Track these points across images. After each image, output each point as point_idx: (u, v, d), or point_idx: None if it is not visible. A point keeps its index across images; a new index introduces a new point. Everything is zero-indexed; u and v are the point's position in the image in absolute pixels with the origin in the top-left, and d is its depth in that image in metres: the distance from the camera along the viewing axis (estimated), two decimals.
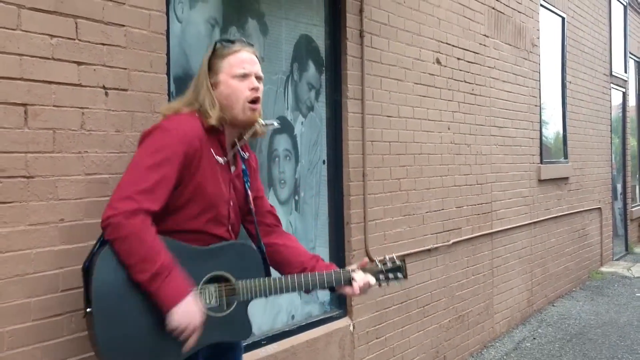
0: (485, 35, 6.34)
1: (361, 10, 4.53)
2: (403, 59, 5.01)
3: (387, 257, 2.82)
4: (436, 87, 5.47)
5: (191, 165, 2.43)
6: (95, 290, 2.30)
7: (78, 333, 2.70)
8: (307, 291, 2.68)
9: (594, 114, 9.79)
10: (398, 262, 2.81)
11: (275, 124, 2.74)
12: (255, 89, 2.57)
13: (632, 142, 12.28)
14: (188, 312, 2.33)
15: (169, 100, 3.14)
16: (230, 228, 2.62)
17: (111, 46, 2.85)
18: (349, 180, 4.45)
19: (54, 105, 2.63)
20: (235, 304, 2.50)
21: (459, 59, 5.84)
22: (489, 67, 6.41)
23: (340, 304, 4.48)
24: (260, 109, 2.64)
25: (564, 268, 8.55)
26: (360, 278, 2.69)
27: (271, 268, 2.75)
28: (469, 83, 6.02)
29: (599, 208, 9.99)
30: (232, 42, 2.63)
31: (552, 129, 8.44)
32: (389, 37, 4.83)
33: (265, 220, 2.80)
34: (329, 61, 4.44)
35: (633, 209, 12.03)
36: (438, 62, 5.51)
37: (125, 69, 2.91)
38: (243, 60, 2.57)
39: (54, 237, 2.63)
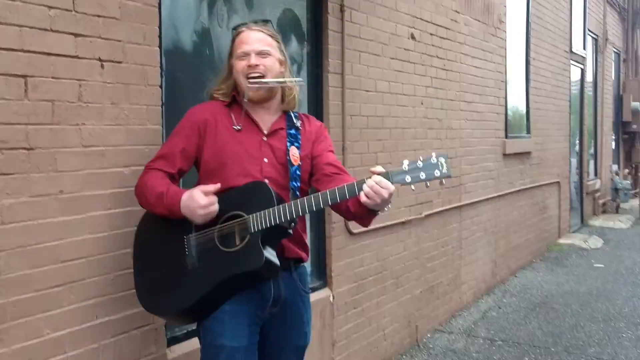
0: (456, 11, 6.43)
1: None
2: (380, 34, 5.07)
3: (421, 156, 2.46)
4: (411, 62, 5.55)
5: (204, 131, 2.75)
6: (135, 245, 2.81)
7: (77, 303, 2.73)
8: (322, 208, 2.55)
9: (555, 90, 10.02)
10: (433, 160, 2.42)
11: (295, 81, 2.90)
12: (251, 66, 2.75)
13: (588, 118, 12.59)
14: (187, 203, 2.60)
15: (161, 73, 3.16)
16: (266, 181, 2.69)
17: (107, 18, 2.85)
18: None
19: (52, 77, 2.63)
20: (248, 237, 2.57)
21: (431, 34, 5.93)
22: (459, 42, 6.51)
23: (321, 275, 4.56)
24: (289, 74, 2.86)
25: (525, 240, 8.80)
26: (369, 183, 2.43)
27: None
28: (441, 59, 6.12)
29: (558, 182, 10.26)
30: (240, 25, 2.92)
31: (515, 103, 8.61)
32: (367, 12, 4.88)
33: (323, 171, 2.79)
34: (311, 36, 4.48)
35: (588, 183, 12.38)
36: (412, 37, 5.58)
37: (120, 41, 2.91)
38: (242, 41, 2.80)
39: (54, 208, 2.64)
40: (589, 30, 12.03)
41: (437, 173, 2.42)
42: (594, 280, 7.97)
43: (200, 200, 2.57)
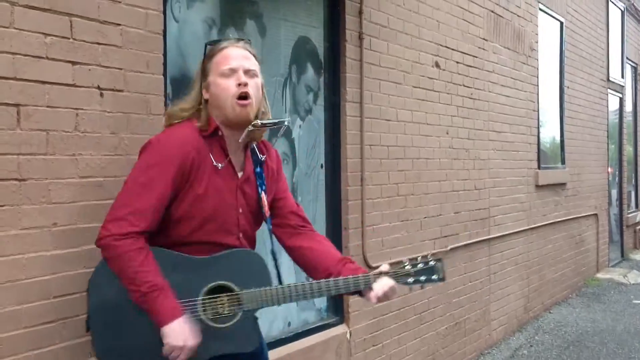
0: (484, 39, 6.28)
1: (360, 12, 4.46)
2: (402, 61, 4.95)
3: (419, 257, 2.54)
4: (435, 91, 5.42)
5: (188, 177, 2.38)
6: (91, 303, 2.34)
7: (71, 340, 2.63)
8: (325, 296, 2.57)
9: (591, 119, 9.75)
10: (432, 262, 2.51)
11: (286, 122, 2.59)
12: (242, 84, 2.42)
13: (628, 148, 12.25)
14: (180, 332, 2.29)
15: (165, 102, 3.07)
16: (241, 236, 2.51)
17: (107, 46, 2.78)
18: (347, 185, 4.38)
19: (47, 106, 2.55)
20: (240, 314, 2.39)
21: (457, 62, 5.79)
22: (487, 71, 6.35)
23: (337, 310, 4.41)
24: (265, 107, 2.56)
25: (561, 274, 8.50)
26: (380, 286, 2.46)
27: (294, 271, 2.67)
28: (468, 87, 5.96)
29: (595, 214, 9.95)
30: (220, 41, 2.56)
31: (549, 133, 8.39)
32: (388, 39, 4.77)
33: (288, 222, 2.65)
34: (328, 63, 4.38)
35: (629, 215, 12.00)
36: (437, 65, 5.45)
37: (121, 69, 2.84)
38: (228, 57, 2.46)
39: (47, 241, 2.55)
40: (628, 58, 11.75)
41: (434, 277, 2.52)
42: (632, 318, 7.64)
43: (194, 341, 2.31)
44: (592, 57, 9.79)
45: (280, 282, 2.59)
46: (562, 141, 8.64)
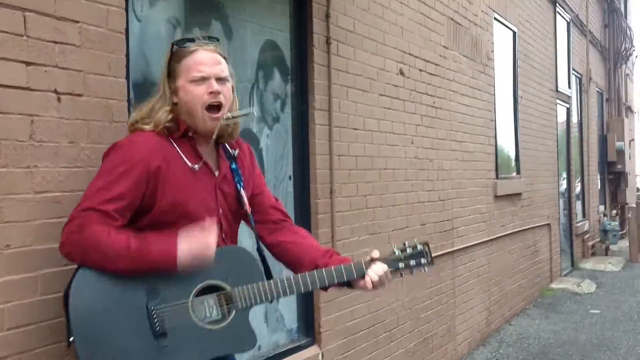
0: (445, 46, 6.15)
1: (327, 16, 4.24)
2: (368, 68, 4.75)
3: (406, 242, 2.54)
4: (400, 99, 5.23)
5: (156, 182, 2.22)
6: (72, 318, 2.09)
7: None
8: (318, 289, 2.42)
9: (543, 129, 9.76)
10: (419, 247, 2.52)
11: (254, 112, 2.51)
12: (214, 93, 2.29)
13: (575, 158, 12.36)
14: (190, 246, 2.14)
15: (129, 108, 2.77)
16: (224, 237, 2.36)
17: (64, 44, 2.48)
18: (316, 197, 4.15)
19: None
20: (233, 313, 2.25)
21: (421, 70, 5.63)
22: (448, 79, 6.21)
23: (308, 331, 4.15)
24: (237, 104, 2.43)
25: (518, 285, 8.42)
26: (375, 271, 2.41)
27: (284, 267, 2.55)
28: (431, 96, 5.81)
29: (548, 224, 9.95)
30: (189, 40, 2.37)
31: (503, 143, 8.32)
32: (354, 45, 4.56)
33: (269, 217, 2.53)
34: (295, 69, 4.14)
35: (577, 225, 12.09)
36: (402, 73, 5.27)
37: (80, 71, 2.54)
38: (200, 62, 2.32)
39: None
40: (573, 69, 11.88)
41: (423, 261, 2.51)
42: (592, 328, 7.59)
43: (206, 239, 2.15)
44: (542, 67, 9.82)
45: (269, 278, 2.41)
46: (517, 151, 8.59)
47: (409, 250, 2.51)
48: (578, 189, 12.74)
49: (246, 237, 2.87)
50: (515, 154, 8.60)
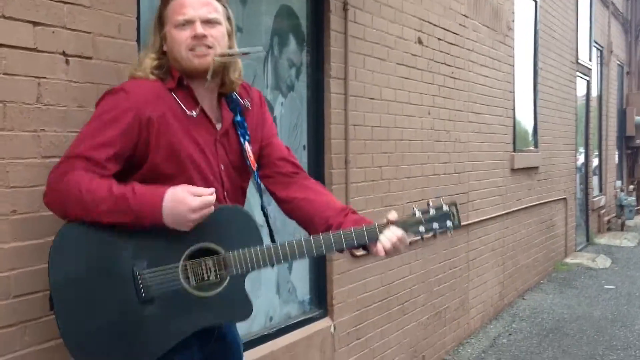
0: (465, 15, 6.01)
1: None
2: (386, 36, 4.63)
3: (430, 203, 2.22)
4: (418, 69, 5.12)
5: (148, 132, 2.07)
6: (53, 280, 1.99)
7: (34, 346, 2.26)
8: (325, 253, 2.23)
9: (562, 102, 9.60)
10: (445, 208, 2.20)
11: (258, 51, 2.31)
12: (197, 37, 2.11)
13: (593, 132, 12.19)
14: (177, 205, 1.99)
15: None
16: (225, 195, 2.21)
17: (73, 5, 2.40)
18: (331, 168, 4.06)
19: (4, 73, 2.17)
20: (228, 279, 2.07)
21: (439, 39, 5.50)
22: (468, 49, 6.08)
23: (321, 302, 4.10)
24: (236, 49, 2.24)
25: (533, 260, 8.34)
26: (387, 237, 2.13)
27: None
28: (449, 65, 5.69)
29: (565, 198, 9.83)
30: None
31: (521, 116, 8.18)
32: (372, 11, 4.45)
33: (278, 169, 2.32)
34: (311, 36, 4.03)
35: (594, 200, 11.95)
36: (420, 41, 5.15)
37: (89, 32, 2.46)
38: (183, 4, 2.14)
39: (4, 232, 2.18)
40: (595, 41, 11.65)
41: (449, 224, 2.22)
42: (607, 303, 7.51)
43: (191, 202, 1.98)
44: (563, 39, 9.63)
45: (272, 240, 2.25)
46: (535, 124, 8.46)
47: (432, 212, 2.20)
48: (595, 163, 12.58)
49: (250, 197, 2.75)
50: (534, 127, 8.47)
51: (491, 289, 6.82)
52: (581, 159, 11.39)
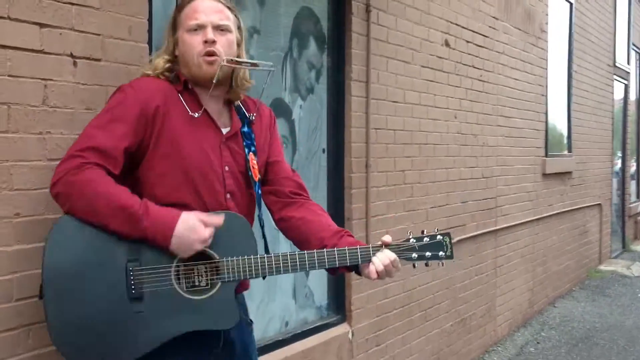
0: (495, 17, 5.90)
1: None
2: (411, 39, 4.56)
3: (424, 231, 2.29)
4: (444, 72, 5.03)
5: (154, 124, 2.08)
6: (46, 268, 1.96)
7: (37, 350, 2.24)
8: (317, 269, 2.20)
9: (598, 106, 9.40)
10: (439, 237, 2.25)
11: (266, 66, 2.28)
12: (209, 42, 2.13)
13: (631, 137, 11.91)
14: (187, 234, 1.99)
15: None
16: (228, 197, 2.18)
17: (82, 7, 2.38)
18: (350, 172, 4.01)
19: (9, 75, 2.16)
20: (218, 285, 2.06)
21: (467, 41, 5.41)
22: (497, 52, 5.97)
23: (339, 308, 4.04)
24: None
25: (565, 267, 8.17)
26: (380, 260, 2.16)
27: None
28: (478, 68, 5.59)
29: (599, 204, 9.62)
30: None
31: (554, 120, 8.02)
32: (396, 14, 4.38)
33: (282, 188, 2.32)
34: (332, 38, 3.99)
35: (631, 206, 11.69)
36: (447, 44, 5.06)
37: (98, 34, 2.44)
38: (196, 10, 2.16)
39: (8, 234, 2.16)
40: (633, 44, 11.38)
41: (441, 254, 2.27)
42: None
43: (203, 233, 2.01)
44: (599, 42, 9.42)
45: (267, 251, 2.25)
46: (569, 128, 8.28)
47: (425, 240, 2.25)
48: (633, 168, 12.30)
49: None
50: (568, 131, 8.29)
51: (520, 295, 6.69)
52: (619, 163, 11.15)
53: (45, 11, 2.26)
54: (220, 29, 2.16)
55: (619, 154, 11.19)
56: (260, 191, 2.28)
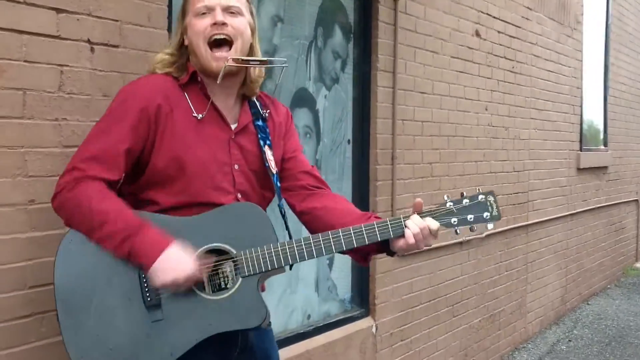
0: (528, 7, 5.77)
1: None
2: (440, 28, 4.47)
3: (464, 193, 2.04)
4: (474, 63, 4.93)
5: (156, 124, 1.96)
6: (57, 286, 1.87)
7: (50, 338, 2.22)
8: (345, 251, 2.01)
9: (636, 100, 9.17)
10: (481, 197, 2.02)
11: (278, 61, 2.15)
12: (217, 24, 1.99)
13: None
14: (172, 263, 1.84)
15: None
16: (239, 196, 2.06)
17: None
18: (376, 163, 3.94)
19: (24, 60, 2.14)
20: (239, 282, 1.91)
21: (499, 32, 5.29)
22: (530, 43, 5.84)
23: (363, 302, 3.99)
24: (257, 49, 2.12)
25: (599, 264, 8.00)
26: (415, 224, 1.94)
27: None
28: (510, 60, 5.47)
29: (637, 200, 9.40)
30: None
31: (589, 113, 7.84)
32: (425, 3, 4.29)
33: (299, 182, 2.18)
34: (358, 27, 3.92)
35: None
36: (477, 34, 4.96)
37: (116, 20, 2.42)
38: None
39: (22, 221, 2.15)
40: None
41: (486, 215, 2.03)
42: None
43: (188, 268, 1.86)
44: (637, 33, 9.19)
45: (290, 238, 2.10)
46: (605, 122, 8.09)
47: (465, 202, 2.01)
48: None
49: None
50: (604, 125, 8.10)
51: (552, 292, 6.56)
52: None
53: None
54: (230, 10, 2.01)
55: None
56: (279, 183, 2.17)
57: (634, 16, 9.01)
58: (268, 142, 2.14)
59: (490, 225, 2.05)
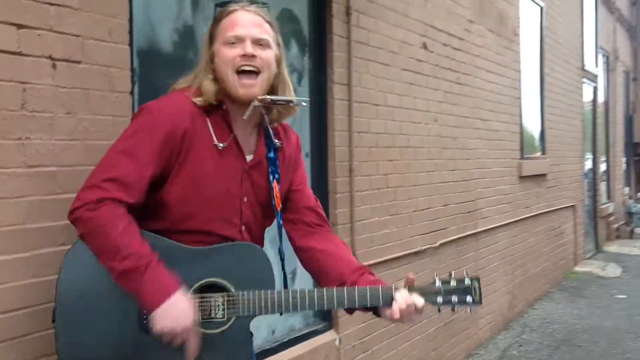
0: (470, 20, 5.89)
1: None
2: (390, 41, 4.52)
3: (452, 273, 2.14)
4: (423, 75, 5.00)
5: (179, 151, 1.97)
6: (59, 292, 1.91)
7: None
8: (335, 309, 2.17)
9: (568, 109, 9.47)
10: (467, 282, 2.10)
11: (303, 102, 2.17)
12: (247, 56, 1.99)
13: (600, 139, 12.04)
14: (175, 312, 1.87)
15: (132, 77, 2.58)
16: (243, 229, 2.08)
17: (61, 7, 2.28)
18: (334, 176, 3.94)
19: None
20: (233, 319, 1.96)
21: (444, 44, 5.38)
22: (473, 54, 5.96)
23: (326, 315, 3.96)
24: (289, 86, 2.15)
25: (542, 268, 8.19)
26: (403, 299, 2.02)
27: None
28: (455, 71, 5.56)
29: (573, 205, 9.68)
30: (230, 2, 2.09)
31: (528, 122, 8.04)
32: (375, 16, 4.33)
33: (302, 217, 2.20)
34: (313, 41, 3.92)
35: (602, 207, 11.79)
36: (425, 46, 5.03)
37: (78, 36, 2.34)
38: (235, 23, 2.03)
39: None
40: (600, 47, 11.51)
41: (469, 299, 2.10)
42: (619, 314, 7.34)
43: (189, 320, 1.89)
44: (569, 45, 9.51)
45: (285, 286, 2.16)
46: (542, 131, 8.32)
47: (452, 283, 2.09)
48: (602, 169, 12.43)
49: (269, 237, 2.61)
50: (541, 134, 8.34)
51: (501, 298, 6.67)
52: (588, 165, 11.24)
53: (25, 11, 2.16)
54: (259, 43, 2.03)
55: (588, 155, 11.29)
56: (282, 221, 2.17)
57: (566, 28, 9.32)
58: (277, 176, 2.14)
59: (470, 310, 2.17)
